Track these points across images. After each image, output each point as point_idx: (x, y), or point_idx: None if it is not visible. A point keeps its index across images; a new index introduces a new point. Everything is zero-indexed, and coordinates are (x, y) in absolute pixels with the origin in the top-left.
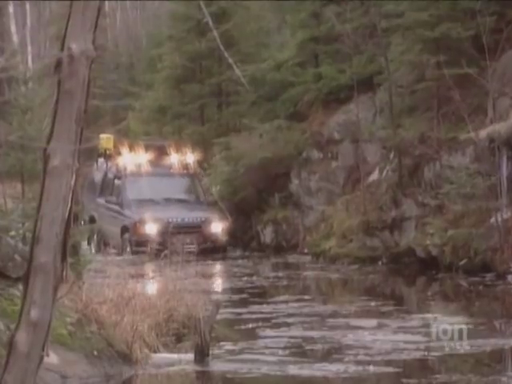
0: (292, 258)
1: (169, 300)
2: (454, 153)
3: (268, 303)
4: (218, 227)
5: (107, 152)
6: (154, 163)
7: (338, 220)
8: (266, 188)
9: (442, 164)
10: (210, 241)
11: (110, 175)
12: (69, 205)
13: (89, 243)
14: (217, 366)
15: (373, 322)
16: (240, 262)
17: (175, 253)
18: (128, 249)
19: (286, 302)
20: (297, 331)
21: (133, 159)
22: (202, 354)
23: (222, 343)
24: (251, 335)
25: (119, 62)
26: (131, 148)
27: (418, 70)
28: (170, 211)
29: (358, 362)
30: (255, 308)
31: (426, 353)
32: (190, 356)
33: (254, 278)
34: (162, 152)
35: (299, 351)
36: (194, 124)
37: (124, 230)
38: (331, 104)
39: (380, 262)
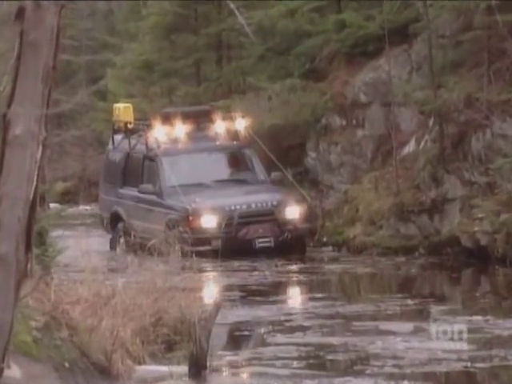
0: (309, 248)
1: (157, 299)
2: (508, 118)
3: (281, 302)
4: (294, 212)
5: (128, 125)
6: (195, 135)
7: (364, 202)
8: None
9: (493, 132)
10: (288, 230)
11: (137, 156)
12: (34, 183)
13: (112, 247)
14: (216, 381)
15: (407, 326)
16: None
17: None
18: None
19: (302, 301)
20: (315, 337)
21: (167, 133)
22: (197, 366)
23: (222, 352)
24: (259, 342)
25: (95, 8)
26: (164, 118)
27: (465, 17)
28: (229, 196)
29: (389, 376)
30: (264, 309)
31: (468, 364)
32: (184, 368)
33: (266, 272)
34: (201, 119)
35: (317, 362)
36: (188, 84)
37: (170, 226)
38: (356, 59)
39: (417, 253)
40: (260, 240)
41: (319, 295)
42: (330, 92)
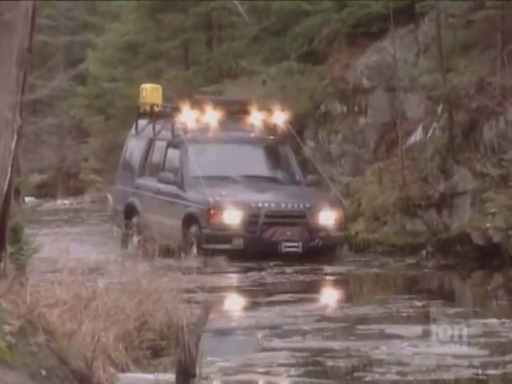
0: None
1: (142, 302)
2: None
3: (279, 304)
4: (329, 217)
5: (154, 109)
6: (227, 124)
7: (367, 196)
8: None
9: (507, 120)
10: (319, 237)
11: (161, 143)
12: (8, 175)
13: (124, 245)
14: None
15: (415, 330)
16: None
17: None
18: (195, 248)
19: (302, 302)
20: (315, 341)
21: (196, 119)
22: (186, 374)
23: (213, 359)
24: (253, 347)
25: None
26: (194, 103)
27: None
28: (257, 193)
29: (391, 383)
30: (261, 311)
31: (479, 370)
32: (171, 376)
33: (262, 273)
34: (237, 110)
35: (316, 369)
36: (176, 67)
37: (189, 220)
38: (359, 40)
39: (424, 252)
40: (287, 244)
41: (320, 297)
42: (330, 76)
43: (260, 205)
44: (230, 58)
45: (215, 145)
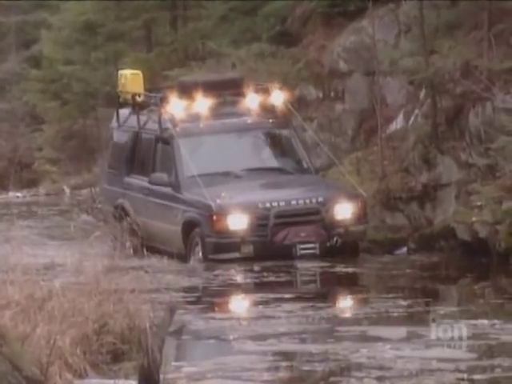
0: None
1: (101, 302)
2: None
3: (252, 304)
4: (346, 211)
5: (136, 99)
6: (220, 111)
7: None
8: None
9: (494, 106)
10: (337, 234)
11: (148, 137)
12: None
13: (116, 249)
14: None
15: (399, 331)
16: None
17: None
18: (200, 256)
19: (277, 302)
20: (290, 344)
21: (186, 108)
22: (148, 380)
23: (178, 363)
24: (223, 351)
25: None
26: (181, 90)
27: None
28: (264, 190)
29: None
30: (231, 312)
31: (465, 375)
32: (132, 383)
33: (232, 271)
34: (228, 91)
35: (291, 374)
36: (137, 49)
37: (189, 226)
38: (335, 20)
39: (405, 248)
40: (302, 246)
41: (296, 297)
42: (304, 59)
43: (268, 205)
44: (196, 39)
45: (209, 136)
